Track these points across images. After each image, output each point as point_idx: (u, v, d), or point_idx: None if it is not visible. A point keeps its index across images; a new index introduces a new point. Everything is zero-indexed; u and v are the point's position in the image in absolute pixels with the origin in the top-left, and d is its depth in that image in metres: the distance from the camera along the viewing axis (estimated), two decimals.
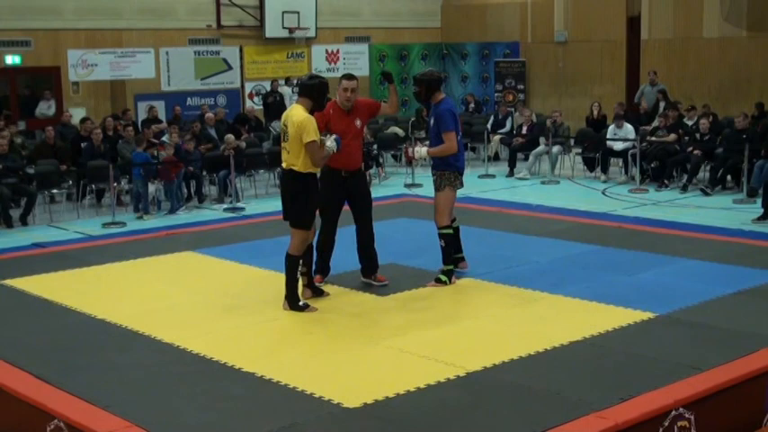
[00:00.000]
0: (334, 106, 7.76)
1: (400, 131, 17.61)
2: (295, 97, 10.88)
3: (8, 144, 13.26)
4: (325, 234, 7.94)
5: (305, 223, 7.27)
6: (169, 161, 13.28)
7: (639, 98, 18.63)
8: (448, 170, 7.95)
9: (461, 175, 8.09)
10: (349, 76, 7.79)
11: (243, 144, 14.85)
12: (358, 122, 7.81)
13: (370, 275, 8.00)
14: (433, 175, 8.11)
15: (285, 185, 7.40)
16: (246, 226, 11.30)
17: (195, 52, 19.67)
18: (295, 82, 18.46)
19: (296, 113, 7.12)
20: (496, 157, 18.10)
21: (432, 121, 8.00)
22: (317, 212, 7.51)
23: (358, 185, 7.95)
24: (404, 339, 6.52)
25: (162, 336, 6.67)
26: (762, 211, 11.47)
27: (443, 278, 7.99)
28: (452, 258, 8.09)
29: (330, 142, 7.25)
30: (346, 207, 7.99)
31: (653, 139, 15.24)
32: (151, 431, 4.96)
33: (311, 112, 7.17)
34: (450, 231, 8.06)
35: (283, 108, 15.78)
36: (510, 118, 18.44)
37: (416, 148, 8.28)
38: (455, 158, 7.98)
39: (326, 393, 5.43)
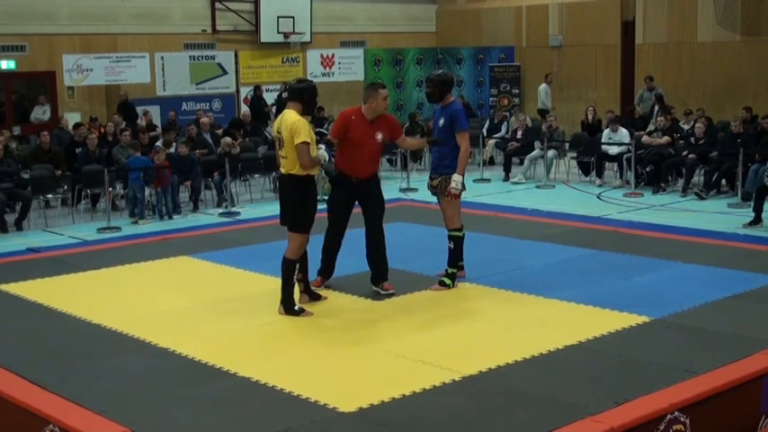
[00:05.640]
0: (357, 113, 7.73)
1: None
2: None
3: (3, 149, 13.24)
4: (330, 237, 7.93)
5: (303, 227, 7.26)
6: (163, 166, 13.26)
7: (638, 103, 18.68)
8: (453, 174, 7.84)
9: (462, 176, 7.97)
10: (383, 86, 7.86)
11: (237, 149, 14.82)
12: (379, 136, 7.77)
13: (378, 283, 7.90)
14: (434, 179, 8.03)
15: (284, 190, 7.39)
16: (242, 230, 11.29)
17: (190, 57, 19.69)
18: (283, 87, 18.47)
19: (289, 117, 7.13)
20: (491, 162, 18.14)
21: (441, 122, 7.94)
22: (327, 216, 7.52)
23: (369, 192, 7.88)
24: (400, 343, 6.52)
25: (157, 340, 6.66)
26: (753, 215, 11.49)
27: (447, 281, 7.98)
28: (458, 262, 8.08)
29: (322, 151, 7.24)
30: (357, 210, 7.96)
31: (644, 137, 15.28)
32: None
33: (302, 115, 7.17)
34: (461, 234, 8.02)
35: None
36: (505, 122, 18.47)
37: (452, 186, 7.82)
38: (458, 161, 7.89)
39: (322, 398, 5.43)
